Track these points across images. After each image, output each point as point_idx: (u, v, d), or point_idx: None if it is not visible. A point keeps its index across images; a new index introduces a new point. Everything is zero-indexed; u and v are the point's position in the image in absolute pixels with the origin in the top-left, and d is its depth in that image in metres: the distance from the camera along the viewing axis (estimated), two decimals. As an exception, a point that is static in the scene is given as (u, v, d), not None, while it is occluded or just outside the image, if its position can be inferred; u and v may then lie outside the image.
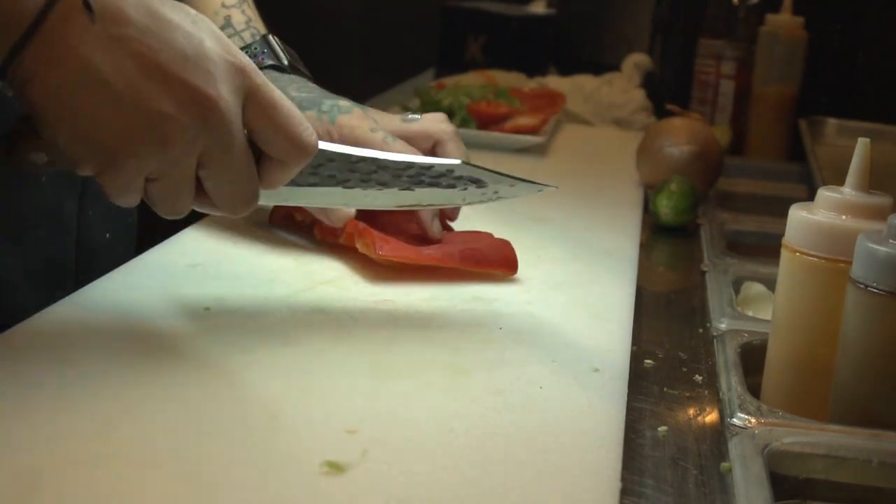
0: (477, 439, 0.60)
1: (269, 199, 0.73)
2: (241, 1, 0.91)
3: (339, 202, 0.76)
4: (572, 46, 2.11)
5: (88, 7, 0.58)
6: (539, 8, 2.26)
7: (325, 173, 0.74)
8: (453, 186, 0.79)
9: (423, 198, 0.78)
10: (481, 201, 0.80)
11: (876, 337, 0.66)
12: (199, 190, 0.66)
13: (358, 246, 0.86)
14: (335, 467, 0.55)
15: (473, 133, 1.40)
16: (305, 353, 0.70)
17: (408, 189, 0.78)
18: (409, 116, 0.93)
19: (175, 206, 0.66)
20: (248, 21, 0.90)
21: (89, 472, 0.53)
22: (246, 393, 0.64)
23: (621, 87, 1.76)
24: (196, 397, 0.62)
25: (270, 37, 0.90)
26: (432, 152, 0.92)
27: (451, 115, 1.48)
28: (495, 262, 0.87)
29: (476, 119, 1.47)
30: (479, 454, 0.59)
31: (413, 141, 0.90)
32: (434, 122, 0.92)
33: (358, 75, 2.37)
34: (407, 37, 2.57)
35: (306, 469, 0.55)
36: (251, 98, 0.65)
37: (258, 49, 0.90)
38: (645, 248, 1.08)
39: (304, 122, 0.67)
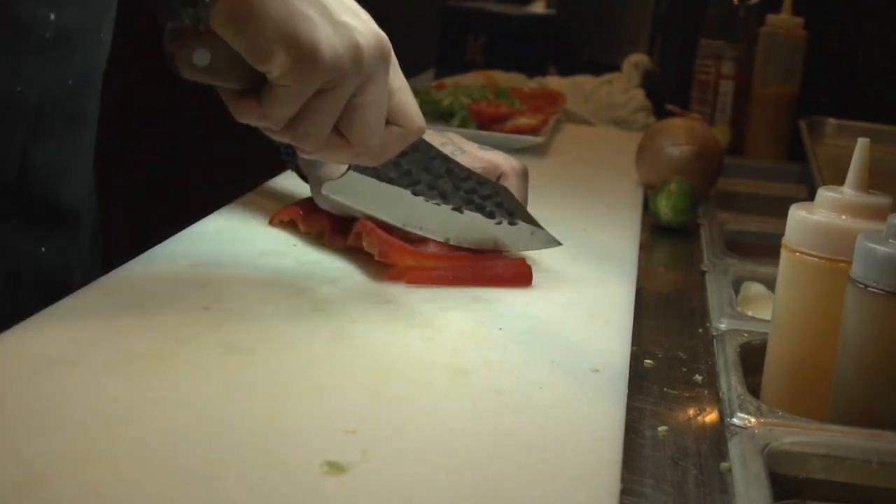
0: (477, 440, 0.60)
1: (348, 194, 0.86)
2: None
3: (399, 214, 0.87)
4: (572, 46, 2.11)
5: None
6: (539, 8, 2.27)
7: (404, 166, 0.85)
8: (493, 216, 0.89)
9: (465, 227, 0.89)
10: (504, 248, 0.90)
11: (876, 337, 0.66)
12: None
13: (364, 244, 0.86)
14: (335, 467, 0.55)
15: (473, 133, 1.40)
16: (305, 353, 0.70)
17: (458, 210, 0.88)
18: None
19: (323, 127, 0.73)
20: None
21: (89, 472, 0.53)
22: (246, 393, 0.64)
23: (621, 87, 1.76)
24: (196, 397, 0.62)
25: None
26: None
27: (450, 115, 1.49)
28: (509, 279, 0.86)
29: (476, 119, 1.47)
30: (479, 454, 0.59)
31: (481, 168, 0.93)
32: (506, 157, 0.96)
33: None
34: (407, 37, 2.57)
35: (306, 469, 0.55)
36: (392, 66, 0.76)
37: None
38: (645, 248, 1.08)
39: (419, 111, 0.79)
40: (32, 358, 0.65)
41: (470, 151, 0.93)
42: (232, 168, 1.60)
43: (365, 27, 0.73)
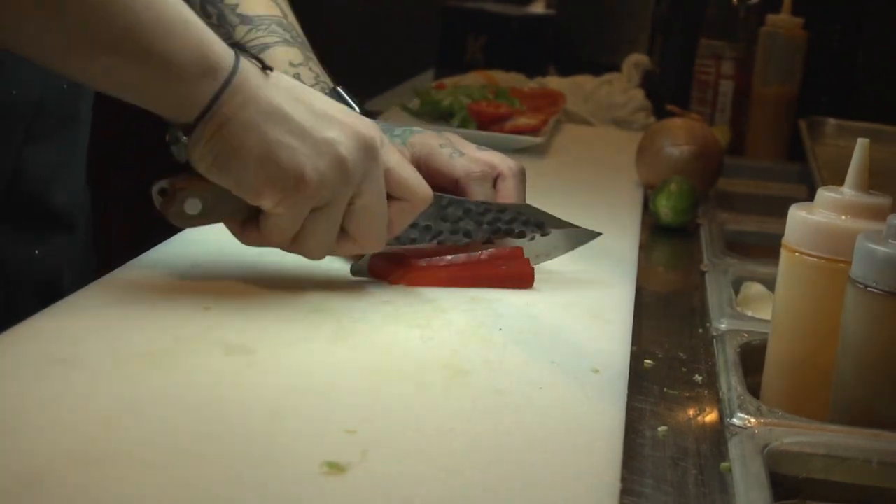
0: (477, 439, 0.60)
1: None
2: (307, 59, 0.94)
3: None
4: (572, 46, 2.11)
5: (265, 67, 0.73)
6: (539, 8, 2.27)
7: (421, 223, 0.85)
8: (523, 235, 0.89)
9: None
10: (547, 257, 0.91)
11: (875, 337, 0.66)
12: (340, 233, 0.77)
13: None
14: (335, 467, 0.55)
15: (473, 133, 1.40)
16: (305, 353, 0.70)
17: (489, 242, 0.88)
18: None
19: (326, 240, 0.76)
20: (317, 76, 0.93)
21: (89, 471, 0.53)
22: (246, 393, 0.64)
23: (621, 87, 1.76)
24: (196, 397, 0.62)
25: (339, 88, 0.93)
26: (493, 185, 0.94)
27: (450, 115, 1.49)
28: (509, 279, 0.86)
29: (476, 119, 1.47)
30: (479, 454, 0.59)
31: (475, 172, 0.93)
32: (503, 158, 0.96)
33: (358, 75, 2.36)
34: (407, 37, 2.57)
35: (306, 469, 0.55)
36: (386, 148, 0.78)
37: None
38: (645, 249, 1.08)
39: (421, 179, 0.80)
40: (32, 358, 0.65)
41: (468, 153, 0.93)
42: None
43: (345, 134, 0.74)
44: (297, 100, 0.73)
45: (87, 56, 0.68)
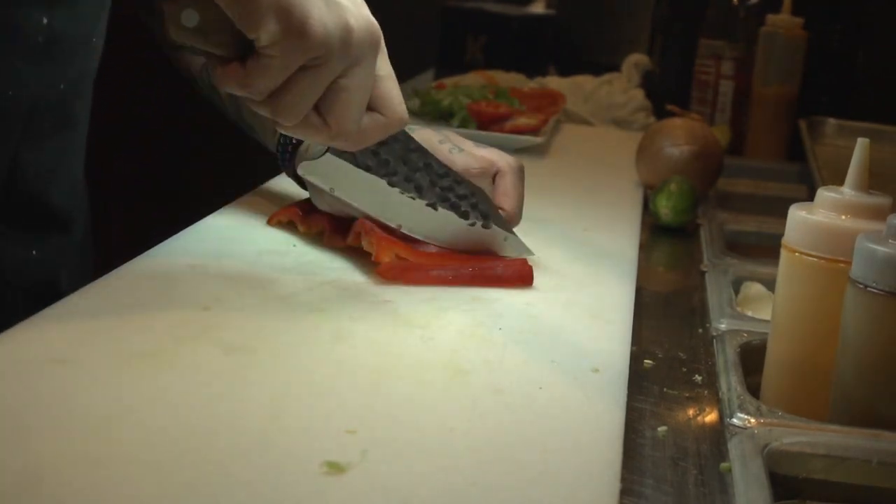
0: (477, 439, 0.60)
1: (322, 176, 0.86)
2: None
3: (373, 204, 0.87)
4: (572, 46, 2.11)
5: None
6: (539, 8, 2.27)
7: (382, 156, 0.84)
8: (466, 216, 0.88)
9: (438, 225, 0.87)
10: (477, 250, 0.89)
11: (875, 337, 0.66)
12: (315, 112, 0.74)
13: (363, 244, 0.86)
14: (335, 467, 0.55)
15: (473, 133, 1.40)
16: (305, 353, 0.70)
17: (432, 207, 0.86)
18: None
19: (303, 103, 0.72)
20: None
21: (89, 472, 0.53)
22: (246, 393, 0.64)
23: (621, 87, 1.76)
24: (196, 397, 0.62)
25: None
26: (493, 182, 0.95)
27: (450, 115, 1.49)
28: (509, 279, 0.86)
29: (476, 119, 1.47)
30: (479, 454, 0.59)
31: (474, 169, 0.93)
32: (502, 155, 0.95)
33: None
34: (407, 37, 2.57)
35: (306, 469, 0.55)
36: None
37: None
38: (645, 249, 1.08)
39: (403, 102, 0.79)
40: (32, 358, 0.65)
41: (467, 149, 0.93)
42: (232, 168, 1.60)
43: (357, 11, 0.73)
44: None
45: None
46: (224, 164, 1.96)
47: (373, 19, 0.74)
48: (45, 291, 0.89)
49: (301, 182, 0.95)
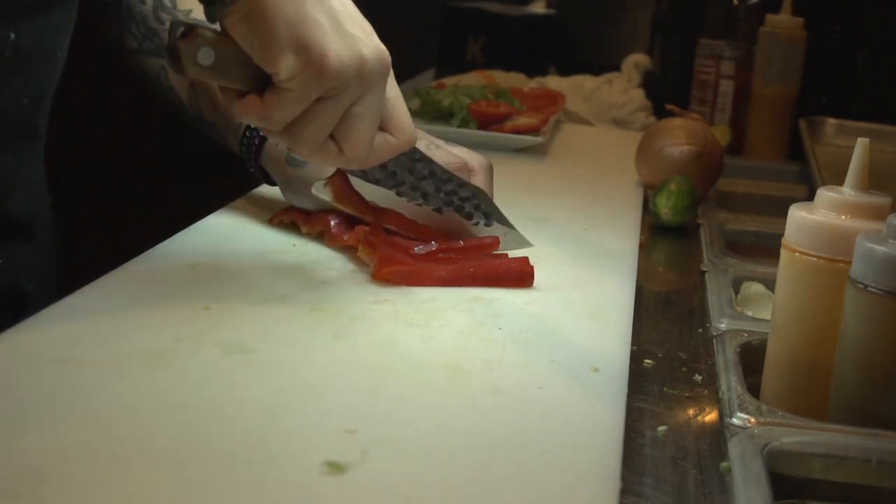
0: (477, 439, 0.60)
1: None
2: None
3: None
4: (572, 46, 2.11)
5: None
6: (539, 8, 2.27)
7: (390, 168, 0.87)
8: (470, 217, 0.92)
9: (443, 226, 0.91)
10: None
11: (875, 337, 0.66)
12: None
13: (360, 254, 0.86)
14: (335, 467, 0.55)
15: (473, 133, 1.40)
16: (305, 353, 0.70)
17: (437, 211, 0.90)
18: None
19: (320, 133, 0.75)
20: None
21: (89, 471, 0.53)
22: (246, 393, 0.64)
23: (621, 87, 1.76)
24: (196, 397, 0.62)
25: None
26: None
27: (450, 115, 1.48)
28: (510, 279, 0.86)
29: (476, 119, 1.47)
30: (479, 454, 0.59)
31: (452, 165, 0.96)
32: (472, 154, 0.98)
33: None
34: (407, 37, 2.57)
35: (306, 469, 0.55)
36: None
37: None
38: (645, 248, 1.08)
39: (412, 122, 0.83)
40: (32, 358, 0.65)
41: (443, 147, 0.96)
42: (231, 168, 1.59)
43: (369, 40, 0.75)
44: (327, 10, 0.74)
45: None
46: (224, 164, 1.96)
47: (384, 48, 0.76)
48: (9, 299, 0.90)
49: (267, 177, 0.98)
